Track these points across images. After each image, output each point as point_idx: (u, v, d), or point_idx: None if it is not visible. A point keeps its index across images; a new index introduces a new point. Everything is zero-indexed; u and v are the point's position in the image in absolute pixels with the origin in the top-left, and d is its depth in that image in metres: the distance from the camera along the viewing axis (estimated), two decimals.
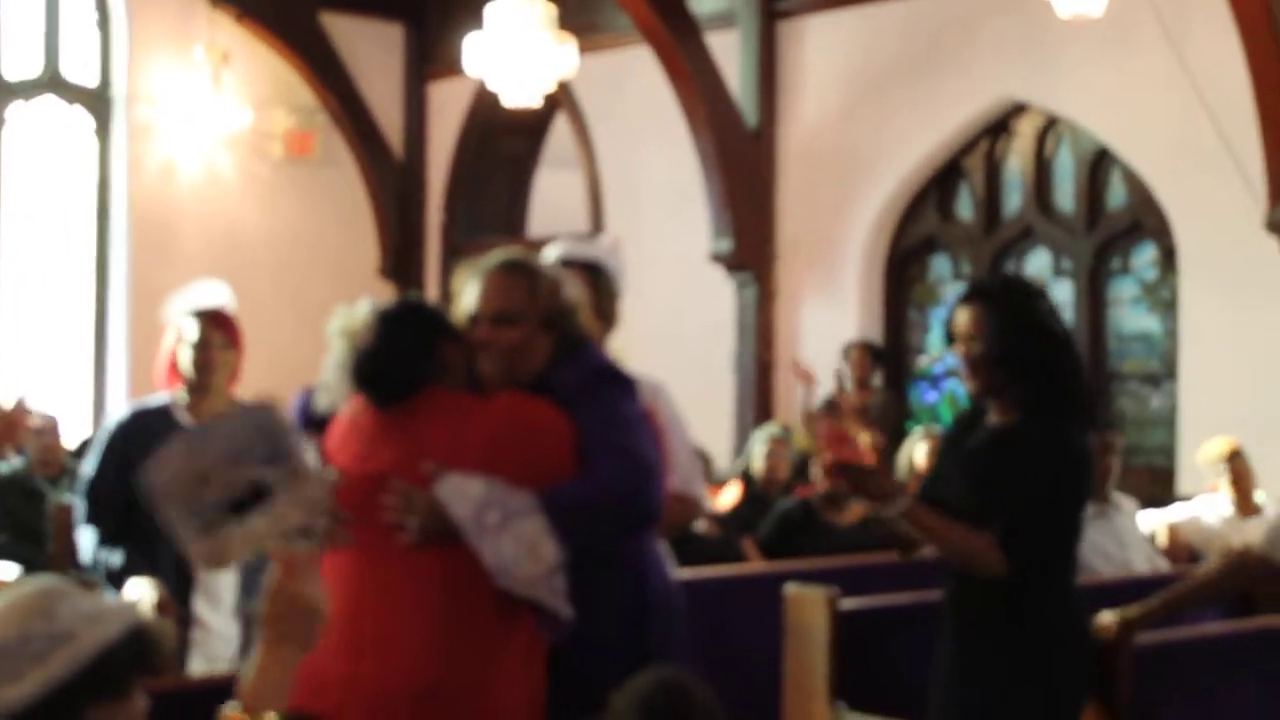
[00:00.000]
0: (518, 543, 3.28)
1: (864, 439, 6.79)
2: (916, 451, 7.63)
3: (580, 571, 3.40)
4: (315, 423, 3.58)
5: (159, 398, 5.18)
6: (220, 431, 2.79)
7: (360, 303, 3.57)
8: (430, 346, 3.48)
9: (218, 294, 5.18)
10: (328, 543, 3.41)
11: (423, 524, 3.32)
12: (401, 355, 3.45)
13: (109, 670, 2.34)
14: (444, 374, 3.48)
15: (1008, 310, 3.85)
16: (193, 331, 5.06)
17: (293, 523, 2.69)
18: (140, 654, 2.40)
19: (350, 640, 3.32)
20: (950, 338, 3.92)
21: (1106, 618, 4.11)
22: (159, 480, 2.75)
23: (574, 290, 3.64)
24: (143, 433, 5.05)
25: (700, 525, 6.63)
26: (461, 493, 3.30)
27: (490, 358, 3.51)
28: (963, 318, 3.87)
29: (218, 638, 5.00)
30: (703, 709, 2.97)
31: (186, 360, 5.06)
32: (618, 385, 3.56)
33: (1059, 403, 3.83)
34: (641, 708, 2.96)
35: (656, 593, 3.71)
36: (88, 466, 5.12)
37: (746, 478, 7.82)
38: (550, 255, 4.05)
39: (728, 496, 7.83)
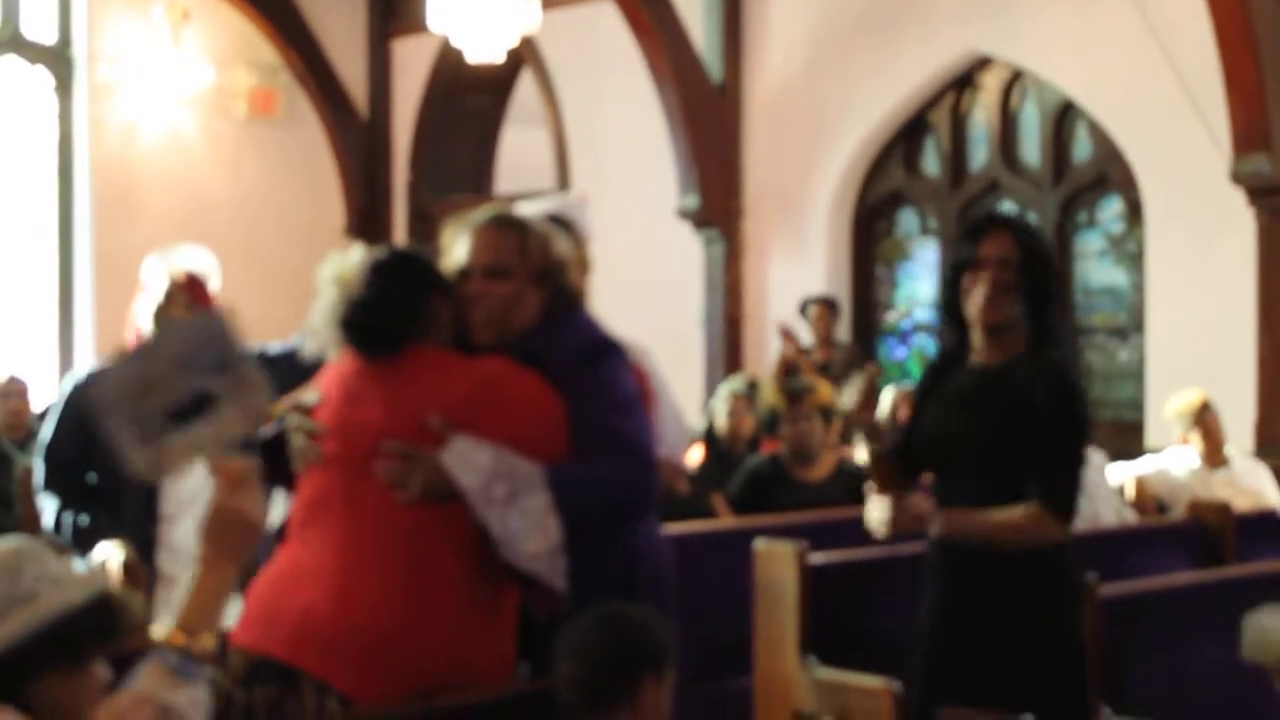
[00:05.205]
0: (525, 518, 3.26)
1: (825, 392, 6.81)
2: (892, 407, 7.65)
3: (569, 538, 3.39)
4: (303, 370, 3.56)
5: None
6: (172, 336, 2.73)
7: (353, 250, 3.54)
8: (422, 299, 3.45)
9: (195, 258, 5.12)
10: (299, 461, 3.41)
11: (426, 485, 3.29)
12: (392, 307, 3.42)
13: (68, 637, 2.31)
14: (433, 328, 3.46)
15: (1041, 246, 3.88)
16: (159, 290, 5.02)
17: (235, 432, 2.63)
18: (102, 624, 2.37)
19: (313, 580, 3.32)
20: (968, 265, 3.84)
21: None
22: (106, 389, 2.67)
23: (563, 246, 3.63)
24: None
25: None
26: (469, 462, 3.26)
27: (481, 310, 3.49)
28: (999, 243, 3.81)
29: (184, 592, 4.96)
30: (645, 622, 3.10)
31: (147, 319, 5.01)
32: (611, 358, 3.54)
33: (1052, 342, 3.83)
34: (593, 632, 3.06)
35: (646, 559, 3.70)
36: (46, 430, 5.08)
37: (710, 435, 7.81)
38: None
39: (695, 454, 7.81)
